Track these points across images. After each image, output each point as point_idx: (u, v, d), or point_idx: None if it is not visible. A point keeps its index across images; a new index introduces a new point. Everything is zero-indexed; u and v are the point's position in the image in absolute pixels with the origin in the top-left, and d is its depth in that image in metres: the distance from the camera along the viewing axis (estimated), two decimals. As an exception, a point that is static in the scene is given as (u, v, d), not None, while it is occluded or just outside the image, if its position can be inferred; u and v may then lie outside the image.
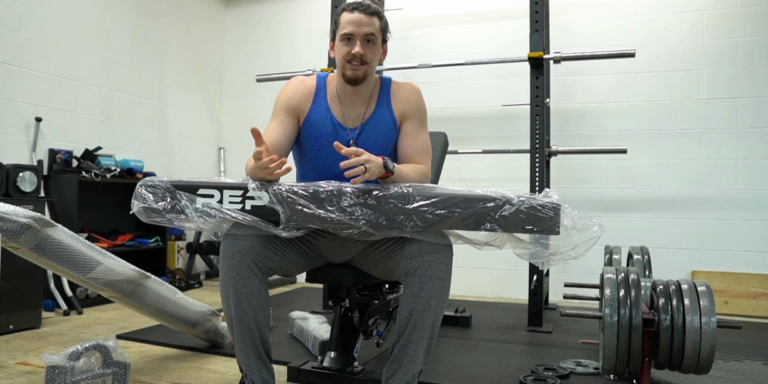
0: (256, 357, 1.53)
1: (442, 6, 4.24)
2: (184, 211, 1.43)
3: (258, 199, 1.42)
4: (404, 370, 1.49)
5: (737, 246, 3.49)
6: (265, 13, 4.84)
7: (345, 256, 1.70)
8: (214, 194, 1.44)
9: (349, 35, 1.65)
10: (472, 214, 1.35)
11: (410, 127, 1.75)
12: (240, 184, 1.45)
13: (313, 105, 1.74)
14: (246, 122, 4.76)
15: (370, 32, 1.65)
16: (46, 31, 3.35)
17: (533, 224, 1.33)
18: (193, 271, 4.36)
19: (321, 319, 2.51)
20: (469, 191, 1.38)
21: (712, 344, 1.70)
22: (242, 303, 1.49)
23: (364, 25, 1.64)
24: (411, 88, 1.79)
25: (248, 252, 1.50)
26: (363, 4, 1.66)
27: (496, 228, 1.34)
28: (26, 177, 2.82)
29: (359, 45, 1.64)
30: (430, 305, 1.45)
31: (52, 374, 1.58)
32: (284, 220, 1.41)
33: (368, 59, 1.66)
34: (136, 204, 1.46)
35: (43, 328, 2.68)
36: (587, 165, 3.82)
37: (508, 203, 1.34)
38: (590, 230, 1.35)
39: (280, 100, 1.75)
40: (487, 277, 3.97)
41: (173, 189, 1.45)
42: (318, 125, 1.72)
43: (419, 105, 1.78)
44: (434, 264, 1.46)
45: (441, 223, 1.36)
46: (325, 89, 1.76)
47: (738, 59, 3.55)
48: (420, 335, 1.47)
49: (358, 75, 1.67)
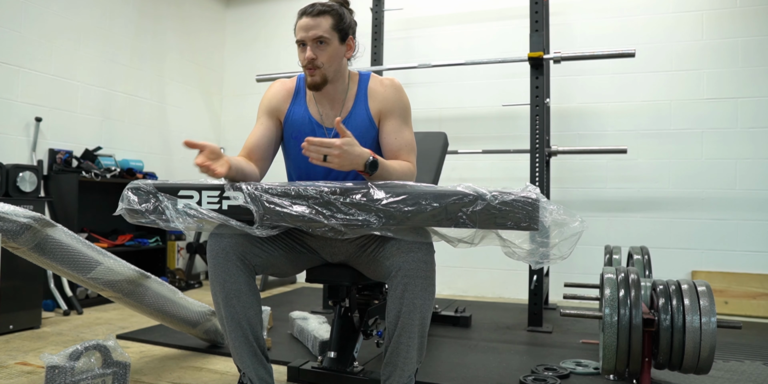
0: (251, 355, 1.52)
1: (442, 6, 4.24)
2: (164, 212, 1.48)
3: (233, 198, 1.46)
4: (399, 372, 1.49)
5: (737, 246, 3.49)
6: (265, 13, 4.84)
7: (337, 255, 1.70)
8: (193, 195, 1.49)
9: (301, 41, 1.63)
10: (442, 210, 1.32)
11: (391, 125, 1.69)
12: (217, 185, 1.48)
13: (291, 106, 1.74)
14: (246, 122, 4.76)
15: (317, 35, 1.60)
16: (46, 31, 3.35)
17: (508, 220, 1.30)
18: (193, 271, 4.36)
19: (321, 319, 2.51)
20: (439, 187, 1.37)
21: (712, 344, 1.70)
22: (231, 300, 1.50)
23: (310, 28, 1.61)
24: (389, 84, 1.72)
25: (233, 249, 1.51)
26: (309, 8, 1.63)
27: (468, 224, 1.32)
28: (26, 177, 2.82)
29: (309, 49, 1.61)
30: (416, 305, 1.44)
31: (52, 374, 1.58)
32: (258, 219, 1.42)
33: (320, 63, 1.62)
34: (120, 205, 1.52)
35: (43, 328, 2.68)
36: (587, 165, 3.82)
37: (480, 199, 1.30)
38: (571, 226, 1.31)
39: (261, 103, 1.77)
40: (487, 277, 3.97)
41: (155, 191, 1.50)
42: (297, 125, 1.72)
43: (398, 101, 1.71)
44: (415, 263, 1.44)
45: (410, 219, 1.35)
46: (304, 90, 1.75)
47: (738, 59, 3.55)
48: (410, 336, 1.46)
49: (315, 81, 1.64)
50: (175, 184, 1.52)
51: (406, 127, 1.72)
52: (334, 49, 1.64)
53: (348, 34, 1.68)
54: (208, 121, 4.81)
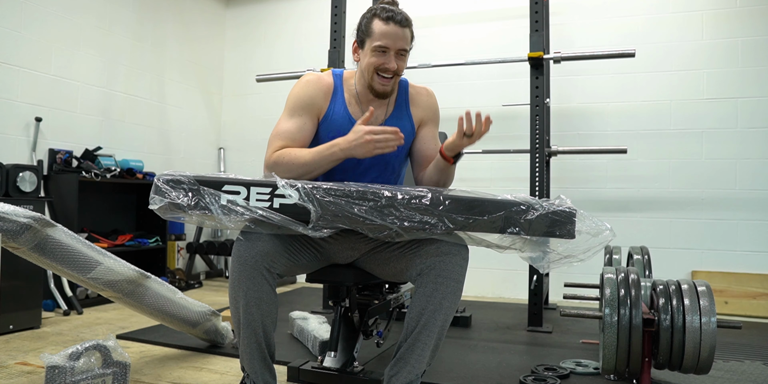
0: (260, 360, 1.53)
1: (442, 6, 4.25)
2: (209, 208, 1.35)
3: (288, 197, 1.36)
4: (409, 368, 1.48)
5: (737, 246, 3.49)
6: (265, 13, 4.84)
7: (352, 256, 1.69)
8: (240, 191, 1.37)
9: (384, 48, 1.62)
10: (500, 217, 1.36)
11: (430, 132, 1.81)
12: (268, 182, 1.39)
13: (331, 104, 1.71)
14: (246, 122, 4.76)
15: (404, 47, 1.64)
16: (46, 31, 3.35)
17: (553, 229, 1.37)
18: (193, 271, 4.36)
19: (321, 319, 2.51)
20: (495, 196, 1.41)
21: (712, 344, 1.70)
22: (251, 308, 1.48)
23: (399, 39, 1.62)
24: (429, 94, 1.84)
25: (262, 258, 1.46)
26: (397, 15, 1.62)
27: (521, 232, 1.36)
28: (26, 177, 2.82)
29: (393, 59, 1.63)
30: (443, 306, 1.45)
31: (52, 374, 1.58)
32: (314, 219, 1.35)
33: (400, 72, 1.67)
34: (158, 199, 1.37)
35: (43, 328, 2.68)
36: (587, 165, 3.82)
37: (532, 208, 1.37)
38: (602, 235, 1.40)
39: (299, 98, 1.69)
40: (487, 277, 3.97)
41: (197, 184, 1.37)
42: (336, 125, 1.69)
43: (436, 111, 1.85)
44: (450, 265, 1.45)
45: (470, 226, 1.37)
46: (342, 88, 1.74)
47: (738, 59, 3.55)
48: (429, 335, 1.46)
49: (387, 90, 1.68)
50: (221, 178, 1.39)
51: (438, 135, 1.85)
52: (407, 59, 1.70)
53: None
54: (208, 121, 4.81)
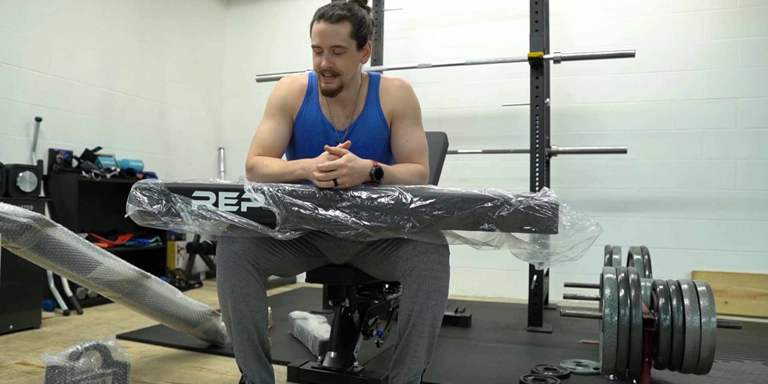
0: (255, 358, 1.53)
1: (442, 6, 4.24)
2: (179, 214, 1.41)
3: (254, 200, 1.40)
4: (406, 369, 1.50)
5: (737, 246, 3.49)
6: (265, 13, 4.84)
7: (344, 256, 1.70)
8: (209, 196, 1.43)
9: (317, 48, 1.58)
10: (470, 214, 1.34)
11: (403, 127, 1.68)
12: (236, 186, 1.43)
13: (304, 104, 1.70)
14: (246, 122, 4.76)
15: (336, 44, 1.55)
16: (46, 31, 3.35)
17: (531, 224, 1.32)
18: (193, 271, 4.36)
19: (321, 319, 2.51)
20: (466, 191, 1.37)
21: (712, 344, 1.70)
22: (240, 304, 1.49)
23: (329, 36, 1.55)
24: (400, 85, 1.71)
25: (245, 254, 1.48)
26: (328, 12, 1.55)
27: (494, 228, 1.33)
28: (26, 177, 2.82)
29: (326, 57, 1.56)
30: (428, 305, 1.45)
31: (52, 374, 1.58)
32: (280, 222, 1.39)
33: (339, 71, 1.58)
34: (131, 207, 1.44)
35: (43, 328, 2.68)
36: (587, 165, 3.82)
37: (506, 203, 1.32)
38: (588, 230, 1.34)
39: (273, 99, 1.70)
40: (487, 277, 3.97)
41: (168, 191, 1.43)
42: (309, 125, 1.69)
43: (409, 102, 1.69)
44: (430, 264, 1.45)
45: (439, 223, 1.35)
46: (317, 89, 1.72)
47: (738, 59, 3.55)
48: (420, 335, 1.47)
49: (331, 87, 1.61)
50: (189, 184, 1.45)
51: (417, 128, 1.70)
52: (351, 56, 1.59)
53: (366, 39, 1.62)
54: (208, 121, 4.81)
